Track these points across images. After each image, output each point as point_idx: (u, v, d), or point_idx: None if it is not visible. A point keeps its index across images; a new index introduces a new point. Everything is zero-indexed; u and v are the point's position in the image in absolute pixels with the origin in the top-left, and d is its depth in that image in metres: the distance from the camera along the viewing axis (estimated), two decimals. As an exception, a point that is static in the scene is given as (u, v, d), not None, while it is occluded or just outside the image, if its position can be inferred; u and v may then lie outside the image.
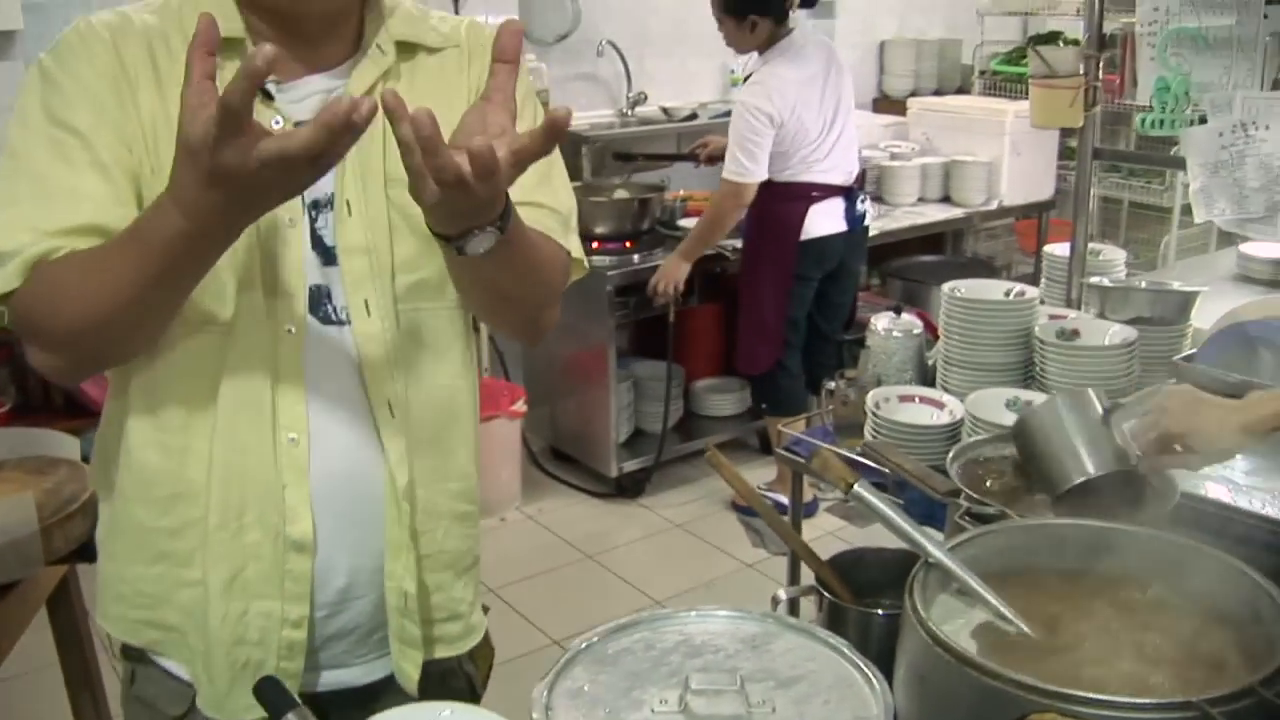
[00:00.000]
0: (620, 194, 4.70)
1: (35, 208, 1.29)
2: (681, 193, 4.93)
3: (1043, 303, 2.70)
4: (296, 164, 1.08)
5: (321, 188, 1.37)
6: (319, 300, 1.41)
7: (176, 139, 1.13)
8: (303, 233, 1.38)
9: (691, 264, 4.29)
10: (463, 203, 1.15)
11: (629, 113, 5.52)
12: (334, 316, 1.41)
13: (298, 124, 1.28)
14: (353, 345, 1.42)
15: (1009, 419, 2.25)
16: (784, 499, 4.20)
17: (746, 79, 4.24)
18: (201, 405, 1.39)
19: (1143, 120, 2.68)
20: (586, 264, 1.58)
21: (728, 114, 4.34)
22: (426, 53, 1.47)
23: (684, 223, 4.63)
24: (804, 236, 4.17)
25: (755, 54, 4.20)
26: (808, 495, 4.19)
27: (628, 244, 4.49)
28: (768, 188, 4.12)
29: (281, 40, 1.34)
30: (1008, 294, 2.57)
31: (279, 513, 1.40)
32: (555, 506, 4.62)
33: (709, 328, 4.97)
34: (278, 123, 1.35)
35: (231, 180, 1.11)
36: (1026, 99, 4.82)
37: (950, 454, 1.86)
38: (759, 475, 4.60)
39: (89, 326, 1.28)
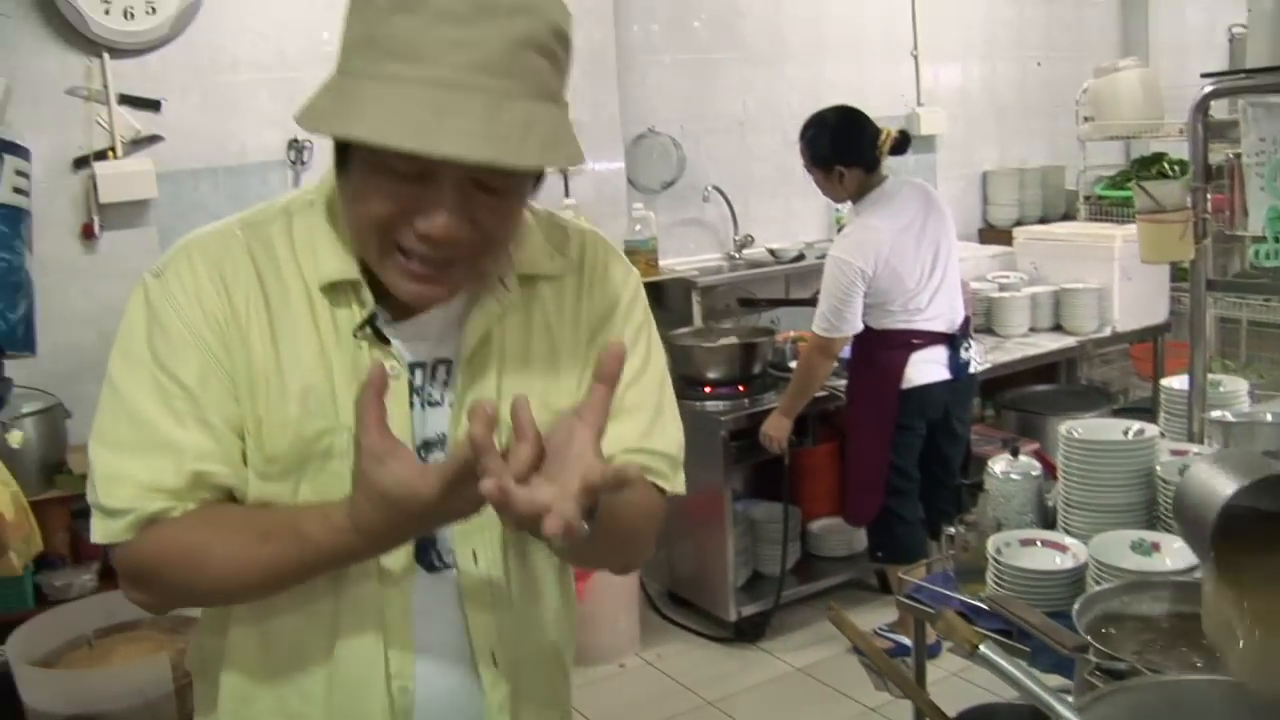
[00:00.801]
0: (731, 339, 4.74)
1: (140, 461, 1.29)
2: (792, 334, 4.95)
3: (1163, 436, 2.66)
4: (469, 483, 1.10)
5: (433, 426, 1.38)
6: (424, 547, 1.39)
7: (364, 482, 1.16)
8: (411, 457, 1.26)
9: (793, 419, 4.28)
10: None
11: (736, 255, 5.58)
12: (437, 563, 1.40)
13: (410, 364, 1.37)
14: (457, 593, 1.41)
15: (1134, 562, 2.22)
16: (906, 640, 4.13)
17: (840, 230, 4.26)
18: (310, 647, 1.38)
19: (1256, 252, 2.67)
20: (683, 490, 1.52)
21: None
22: (545, 280, 1.45)
23: (795, 364, 4.62)
24: (905, 385, 4.12)
25: (850, 202, 4.20)
26: (930, 636, 4.11)
27: (740, 388, 4.52)
28: (868, 335, 4.10)
29: None
30: (1127, 433, 2.54)
31: None
32: (674, 652, 4.58)
33: (824, 467, 4.93)
34: (392, 368, 1.33)
35: (439, 519, 1.19)
36: (1134, 222, 4.78)
37: (1077, 605, 1.83)
38: (879, 616, 4.54)
39: (205, 591, 1.33)
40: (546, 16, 1.18)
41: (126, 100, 4.23)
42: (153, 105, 4.28)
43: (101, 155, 4.17)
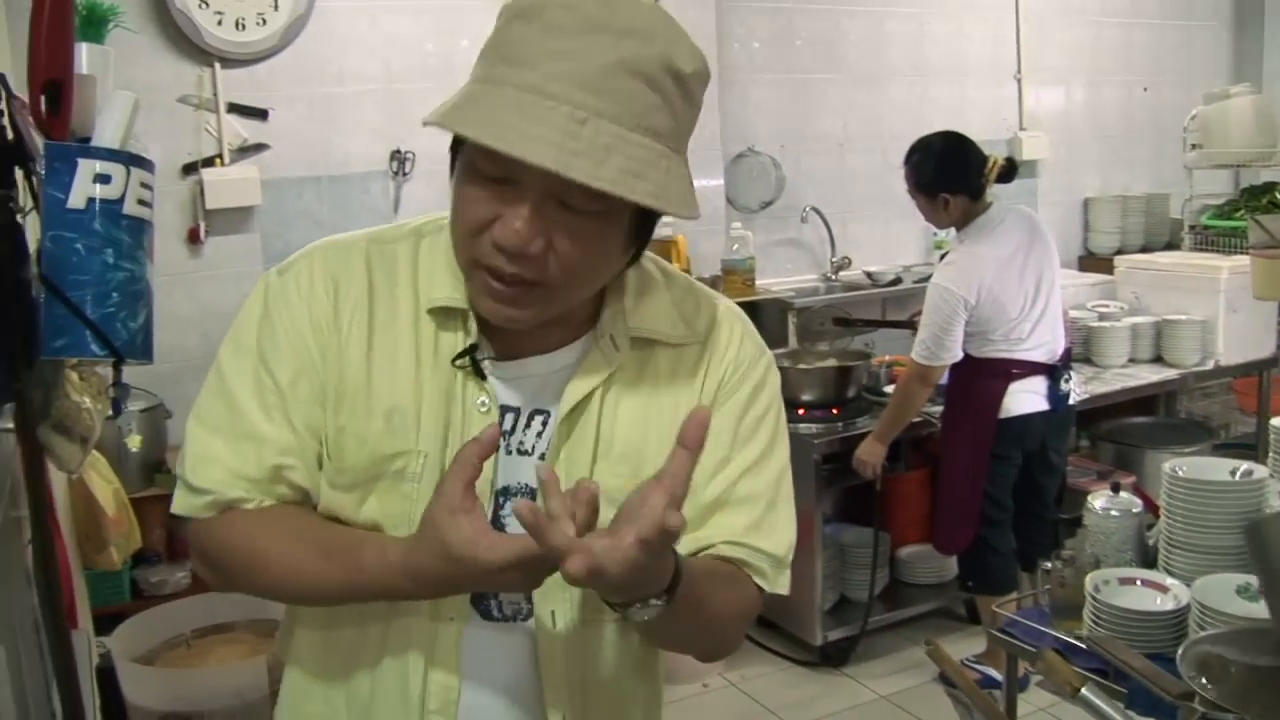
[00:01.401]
0: (827, 361, 4.71)
1: (228, 445, 1.32)
2: (887, 358, 4.90)
3: (1272, 477, 2.59)
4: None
5: (515, 475, 1.36)
6: (483, 594, 1.35)
7: (430, 526, 1.14)
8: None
9: (887, 445, 4.23)
10: (606, 589, 1.12)
11: (833, 277, 5.56)
12: (495, 613, 1.37)
13: (502, 406, 1.34)
14: (524, 646, 1.37)
15: (1239, 608, 2.17)
16: (994, 673, 4.08)
17: (943, 257, 4.21)
18: (361, 663, 1.38)
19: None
20: (786, 591, 1.44)
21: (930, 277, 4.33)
22: (664, 346, 1.39)
23: (889, 389, 4.59)
24: (1003, 414, 4.05)
25: (954, 229, 4.15)
26: (1020, 669, 4.05)
27: (834, 410, 4.48)
28: (967, 363, 4.04)
29: None
30: (1234, 473, 2.49)
31: None
32: (758, 673, 4.55)
33: (915, 494, 4.88)
34: (483, 404, 1.32)
35: (492, 586, 1.21)
36: (1241, 254, 4.65)
37: (1181, 650, 1.79)
38: (967, 646, 4.47)
39: (261, 589, 1.35)
40: (659, 47, 1.16)
41: (235, 109, 4.32)
42: (260, 114, 4.37)
43: (209, 162, 4.27)
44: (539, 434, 1.35)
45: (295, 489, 1.34)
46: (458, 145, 1.25)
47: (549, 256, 1.20)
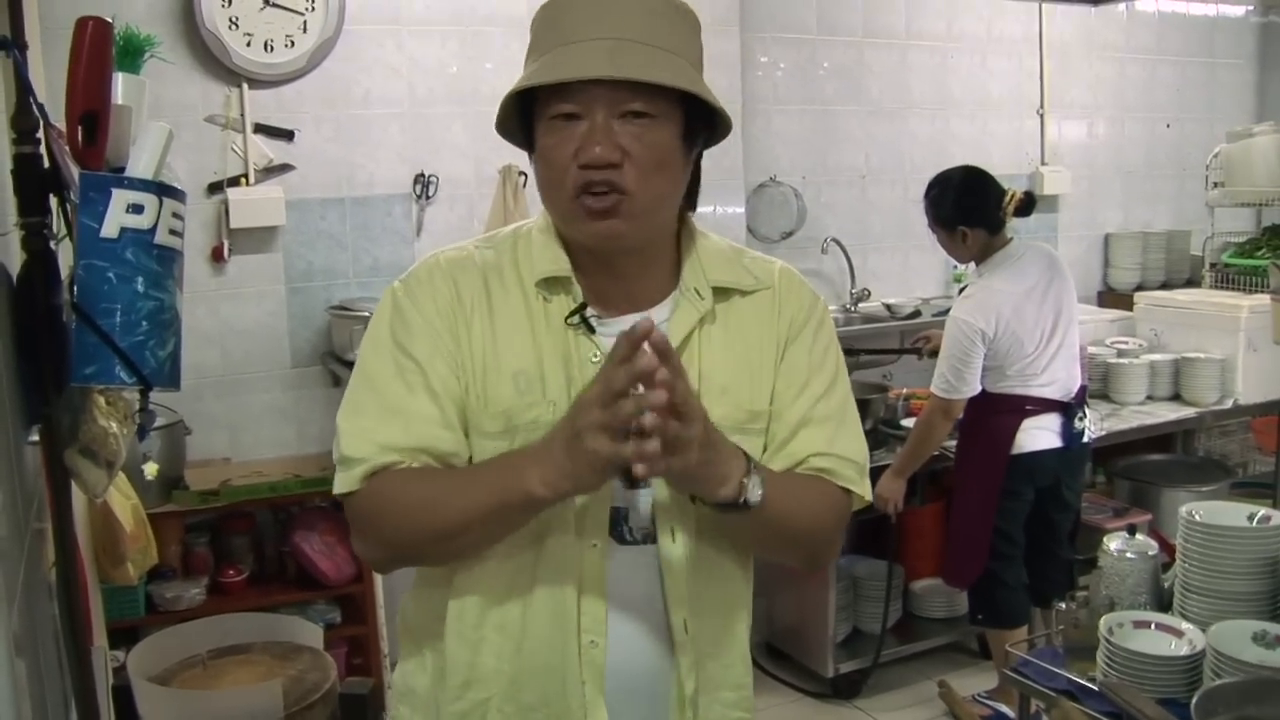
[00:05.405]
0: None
1: (377, 422, 1.52)
2: (904, 391, 4.89)
3: (1289, 521, 2.59)
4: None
5: None
6: (616, 521, 1.55)
7: (568, 431, 1.35)
8: None
9: (906, 479, 4.21)
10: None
11: (852, 309, 5.56)
12: (628, 537, 1.56)
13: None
14: (652, 564, 1.57)
15: (1255, 655, 2.17)
16: (1004, 708, 4.07)
17: (962, 290, 4.21)
18: (504, 602, 1.55)
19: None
20: (869, 498, 1.68)
21: (950, 310, 4.32)
22: (740, 295, 1.62)
23: (907, 422, 4.58)
24: (1015, 450, 4.03)
25: (973, 263, 4.15)
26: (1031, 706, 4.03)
27: (850, 443, 4.45)
28: (981, 398, 4.02)
29: (602, 276, 1.57)
30: (1252, 519, 2.48)
31: (581, 707, 1.55)
32: (770, 704, 4.54)
33: (930, 528, 4.84)
34: (595, 356, 1.52)
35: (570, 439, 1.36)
36: (1263, 292, 4.63)
37: (1196, 698, 1.79)
38: (978, 681, 4.47)
39: (411, 539, 1.50)
40: None
41: (261, 129, 4.35)
42: (286, 135, 4.39)
43: (235, 181, 4.30)
44: None
45: (439, 457, 1.52)
46: (517, 135, 1.55)
47: (626, 163, 1.44)
